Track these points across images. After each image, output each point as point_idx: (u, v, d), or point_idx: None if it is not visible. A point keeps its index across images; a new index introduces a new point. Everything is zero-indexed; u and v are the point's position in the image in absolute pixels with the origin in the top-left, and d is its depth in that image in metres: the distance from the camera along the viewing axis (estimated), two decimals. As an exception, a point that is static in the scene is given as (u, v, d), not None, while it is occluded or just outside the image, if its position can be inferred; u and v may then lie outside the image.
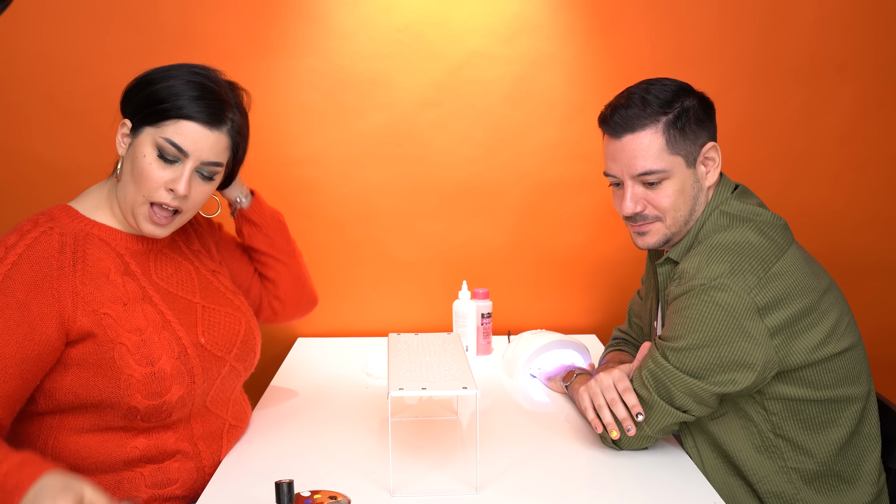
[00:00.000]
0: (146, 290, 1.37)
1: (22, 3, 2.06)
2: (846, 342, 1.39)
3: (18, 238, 1.29)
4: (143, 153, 1.33)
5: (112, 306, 1.31)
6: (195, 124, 1.33)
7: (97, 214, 1.39)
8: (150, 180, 1.33)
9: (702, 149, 1.45)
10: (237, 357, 1.47)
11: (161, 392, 1.31)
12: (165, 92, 1.33)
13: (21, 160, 2.19)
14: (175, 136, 1.32)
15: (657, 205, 1.45)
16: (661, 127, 1.42)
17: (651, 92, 1.44)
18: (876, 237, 2.28)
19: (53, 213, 1.36)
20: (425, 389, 1.25)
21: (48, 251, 1.29)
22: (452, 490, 1.30)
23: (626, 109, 1.43)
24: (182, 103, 1.32)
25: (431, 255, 2.29)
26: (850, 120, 2.22)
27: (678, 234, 1.48)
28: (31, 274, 1.26)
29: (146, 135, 1.33)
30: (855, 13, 2.17)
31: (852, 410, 1.40)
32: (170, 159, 1.33)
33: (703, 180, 1.46)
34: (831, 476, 1.40)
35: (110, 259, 1.35)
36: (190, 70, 1.37)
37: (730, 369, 1.32)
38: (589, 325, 2.34)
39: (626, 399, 1.39)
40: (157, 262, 1.43)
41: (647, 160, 1.42)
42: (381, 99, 2.21)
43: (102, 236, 1.37)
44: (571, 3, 2.17)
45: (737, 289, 1.31)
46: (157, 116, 1.32)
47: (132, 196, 1.34)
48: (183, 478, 1.37)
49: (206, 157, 1.36)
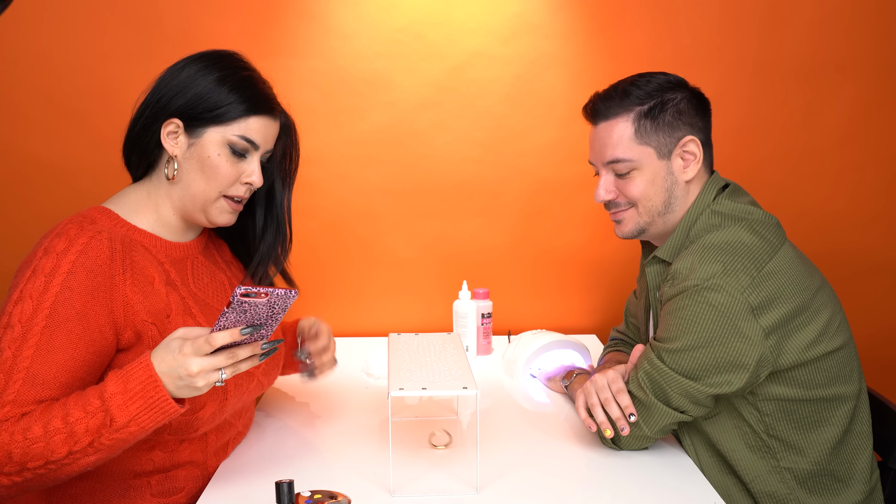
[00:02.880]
0: (186, 302, 1.35)
1: (22, 3, 2.06)
2: (838, 341, 1.39)
3: (68, 244, 1.24)
4: (217, 152, 1.33)
5: (157, 317, 1.29)
6: (263, 118, 1.36)
7: (137, 219, 1.36)
8: (227, 176, 1.34)
9: (678, 142, 1.45)
10: (264, 372, 1.47)
11: (195, 408, 1.29)
12: (222, 93, 1.32)
13: (21, 160, 2.19)
14: (248, 133, 1.34)
15: (627, 194, 1.48)
16: (632, 116, 1.45)
17: (635, 83, 1.46)
18: (876, 238, 2.28)
19: (93, 215, 1.31)
20: (425, 389, 1.25)
21: (101, 257, 1.25)
22: (452, 490, 1.30)
23: (604, 99, 1.48)
24: (245, 102, 1.33)
25: (431, 255, 2.29)
26: (851, 120, 2.22)
27: (655, 226, 1.49)
28: (87, 283, 1.23)
29: (213, 133, 1.32)
30: (855, 13, 2.17)
31: (844, 409, 1.40)
32: (241, 153, 1.35)
33: (680, 174, 1.46)
34: (825, 475, 1.40)
35: (153, 267, 1.32)
36: (235, 64, 1.36)
37: (725, 370, 1.32)
38: (589, 325, 2.34)
39: (620, 400, 1.39)
40: (193, 271, 1.41)
41: (616, 148, 1.46)
42: (381, 99, 2.21)
43: (144, 243, 1.34)
44: (571, 3, 2.17)
45: (730, 289, 1.31)
46: (222, 118, 1.32)
47: (203, 193, 1.34)
48: (189, 486, 1.36)
49: (271, 145, 1.40)
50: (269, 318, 1.14)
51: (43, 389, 1.18)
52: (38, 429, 1.14)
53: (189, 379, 1.13)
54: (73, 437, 1.14)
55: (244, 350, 1.16)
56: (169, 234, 1.39)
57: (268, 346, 1.18)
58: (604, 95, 1.48)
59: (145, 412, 1.15)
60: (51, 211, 1.39)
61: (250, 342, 1.16)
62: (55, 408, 1.16)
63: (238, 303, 1.08)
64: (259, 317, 1.12)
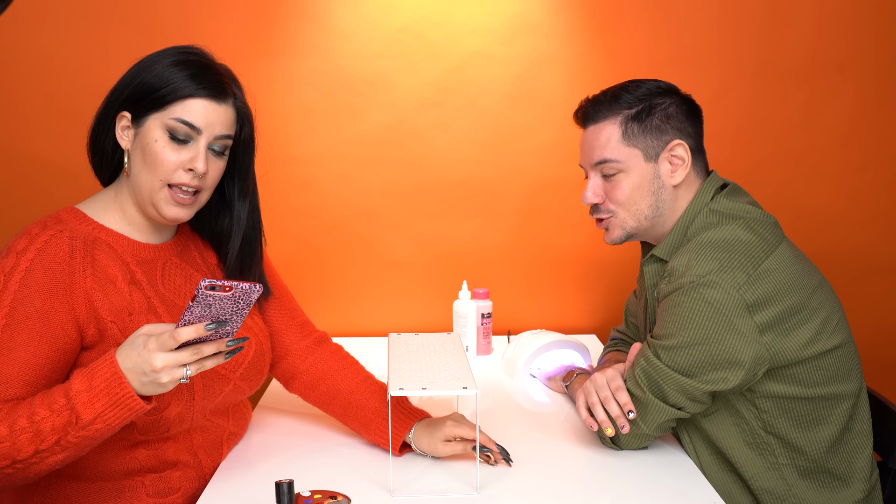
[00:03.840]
0: (151, 301, 1.34)
1: (22, 3, 2.06)
2: (836, 339, 1.39)
3: (28, 242, 1.24)
4: (154, 138, 1.29)
5: (118, 315, 1.28)
6: (202, 100, 1.30)
7: (105, 217, 1.35)
8: (166, 163, 1.29)
9: (666, 145, 1.46)
10: (242, 377, 1.44)
11: (160, 407, 1.29)
12: (164, 76, 1.29)
13: (21, 160, 2.19)
14: (185, 115, 1.28)
15: (613, 198, 1.49)
16: (620, 119, 1.47)
17: (626, 88, 1.48)
18: (877, 238, 2.28)
19: (61, 215, 1.32)
20: (425, 389, 1.25)
21: (59, 255, 1.25)
22: (452, 490, 1.30)
23: (594, 103, 1.50)
24: (184, 83, 1.29)
25: (431, 255, 2.29)
26: (851, 120, 2.22)
27: (642, 230, 1.50)
28: (46, 281, 1.23)
29: (153, 120, 1.29)
30: (855, 13, 2.17)
31: (843, 408, 1.41)
32: (182, 139, 1.29)
33: (668, 178, 1.47)
34: (823, 473, 1.40)
35: (117, 266, 1.31)
36: (181, 51, 1.33)
37: (721, 367, 1.33)
38: (589, 325, 2.34)
39: (619, 398, 1.39)
40: (164, 272, 1.39)
41: (604, 150, 1.47)
42: (381, 99, 2.21)
43: (109, 242, 1.33)
44: (571, 3, 2.17)
45: (726, 286, 1.32)
46: (161, 101, 1.29)
47: (148, 183, 1.30)
48: (185, 486, 1.36)
49: (218, 131, 1.32)
50: (235, 314, 1.13)
51: (7, 388, 1.19)
52: (4, 428, 1.14)
53: (153, 374, 1.12)
54: (39, 435, 1.14)
55: (209, 346, 1.14)
56: (138, 235, 1.37)
57: (233, 344, 1.16)
58: (594, 100, 1.51)
59: (110, 409, 1.14)
60: (51, 211, 1.39)
61: (215, 339, 1.15)
62: (21, 407, 1.16)
63: (203, 296, 1.07)
64: (224, 312, 1.11)
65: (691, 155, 1.47)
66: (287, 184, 2.23)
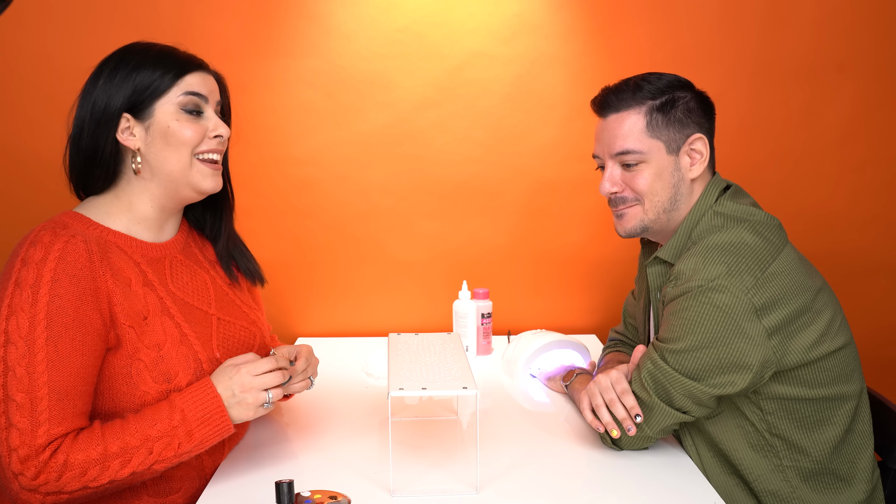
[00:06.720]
0: (164, 302, 1.35)
1: (22, 3, 2.07)
2: (839, 341, 1.39)
3: (45, 252, 1.23)
4: (174, 118, 1.34)
5: (135, 319, 1.29)
6: (194, 73, 1.37)
7: (109, 220, 1.36)
8: (193, 136, 1.36)
9: (687, 139, 1.46)
10: None
11: None
12: (149, 69, 1.33)
13: (21, 160, 2.19)
14: (189, 87, 1.35)
15: (634, 187, 1.48)
16: (644, 110, 1.46)
17: (646, 79, 1.48)
18: (876, 238, 2.28)
19: (65, 220, 1.32)
20: (425, 389, 1.25)
21: (79, 261, 1.25)
22: (452, 490, 1.30)
23: (616, 92, 1.49)
24: (172, 65, 1.35)
25: (431, 255, 2.29)
26: (851, 120, 2.22)
27: (658, 224, 1.50)
28: (73, 288, 1.23)
29: (161, 106, 1.34)
30: (855, 13, 2.17)
31: (846, 408, 1.41)
32: (194, 110, 1.36)
33: (687, 171, 1.47)
34: (827, 474, 1.40)
35: (130, 268, 1.32)
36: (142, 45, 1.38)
37: (728, 371, 1.32)
38: (589, 325, 2.34)
39: (625, 401, 1.39)
40: (172, 270, 1.40)
41: (626, 140, 1.46)
42: (381, 99, 2.21)
43: (119, 244, 1.34)
44: (571, 3, 2.17)
45: (735, 290, 1.32)
46: (159, 90, 1.34)
47: (179, 163, 1.36)
48: (185, 486, 1.36)
49: (217, 96, 1.41)
50: None
51: (71, 402, 1.20)
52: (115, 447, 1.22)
53: (241, 395, 1.29)
54: (151, 453, 1.23)
55: None
56: (145, 234, 1.39)
57: None
58: (615, 88, 1.50)
59: (211, 435, 1.28)
60: (52, 211, 1.38)
61: None
62: (128, 425, 1.24)
63: None
64: None
65: (709, 149, 1.48)
66: (286, 184, 2.23)
